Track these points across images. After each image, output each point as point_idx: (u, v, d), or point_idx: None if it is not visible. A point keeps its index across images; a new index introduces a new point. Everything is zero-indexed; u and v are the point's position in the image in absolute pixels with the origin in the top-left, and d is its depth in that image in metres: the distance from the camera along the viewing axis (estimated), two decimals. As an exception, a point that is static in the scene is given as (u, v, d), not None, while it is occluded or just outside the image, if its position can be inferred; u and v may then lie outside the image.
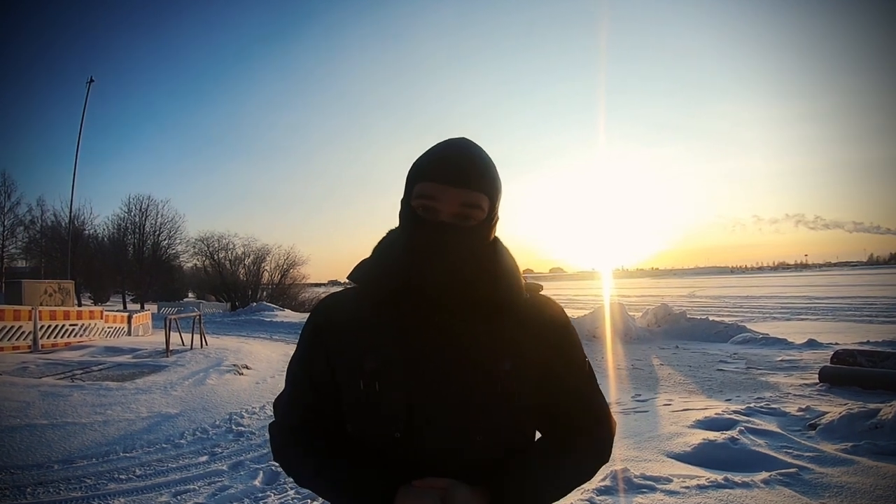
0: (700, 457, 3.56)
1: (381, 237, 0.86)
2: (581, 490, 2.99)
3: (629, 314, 11.43)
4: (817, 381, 6.05)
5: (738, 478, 3.13)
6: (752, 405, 4.88)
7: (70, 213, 23.32)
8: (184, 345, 9.03)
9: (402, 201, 0.79)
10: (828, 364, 6.48)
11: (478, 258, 0.78)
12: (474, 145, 0.79)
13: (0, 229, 28.49)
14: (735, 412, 4.55)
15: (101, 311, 10.71)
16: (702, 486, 3.05)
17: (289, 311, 21.53)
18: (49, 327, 8.89)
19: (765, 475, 3.16)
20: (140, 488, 3.43)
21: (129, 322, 11.78)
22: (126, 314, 12.32)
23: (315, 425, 0.83)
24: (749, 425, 4.07)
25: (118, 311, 14.53)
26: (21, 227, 29.10)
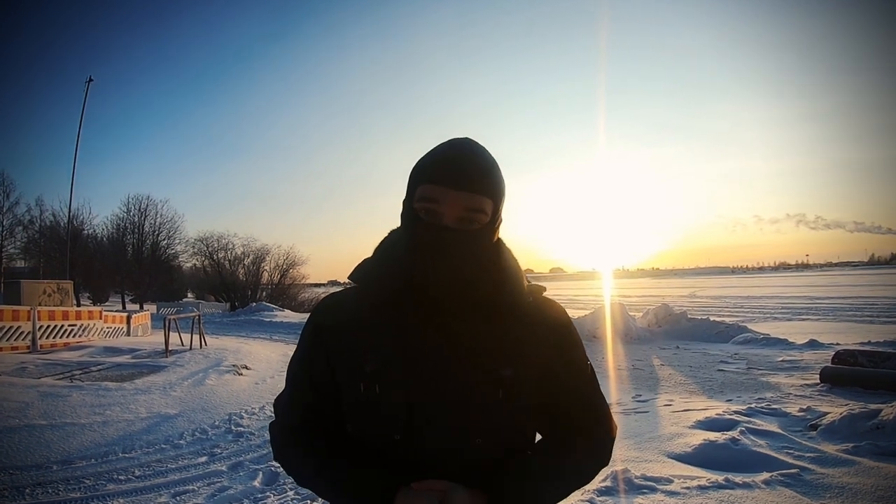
0: (701, 457, 3.56)
1: (383, 237, 0.85)
2: (581, 491, 2.98)
3: (630, 314, 11.42)
4: (818, 381, 6.05)
5: (738, 478, 3.13)
6: (753, 406, 4.87)
7: (69, 212, 23.37)
8: (183, 345, 9.02)
9: (405, 202, 0.78)
10: (829, 364, 6.47)
11: (480, 260, 0.77)
12: (478, 146, 0.78)
13: (-1, 229, 28.48)
14: (736, 413, 4.54)
15: (100, 312, 10.70)
16: (702, 487, 3.05)
17: (288, 312, 21.54)
18: (48, 327, 8.88)
19: (766, 476, 3.16)
20: (139, 489, 3.42)
21: (129, 322, 11.77)
22: (125, 314, 12.31)
23: (315, 425, 0.83)
24: (750, 426, 4.07)
25: (117, 311, 14.51)
26: (20, 227, 29.06)
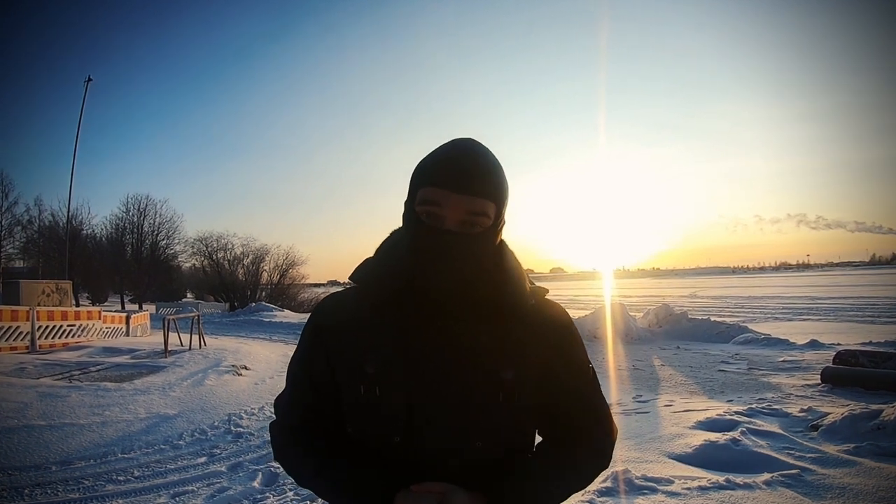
0: (701, 458, 3.55)
1: (385, 237, 0.85)
2: (582, 491, 2.96)
3: (630, 314, 11.42)
4: (819, 381, 6.04)
5: (739, 479, 3.12)
6: (753, 406, 4.86)
7: (68, 212, 23.22)
8: (182, 345, 9.01)
9: (406, 203, 0.77)
10: (830, 365, 6.45)
11: (482, 262, 0.77)
12: (481, 147, 0.76)
13: (-3, 229, 28.42)
14: (737, 413, 4.53)
15: (99, 312, 10.68)
16: (703, 488, 3.04)
17: (288, 312, 21.53)
18: (47, 328, 8.86)
19: (767, 476, 3.15)
20: (138, 489, 3.41)
21: (128, 322, 11.75)
22: (124, 314, 12.28)
23: (315, 425, 0.83)
24: (751, 426, 4.06)
25: (116, 311, 14.49)
26: (19, 227, 28.98)
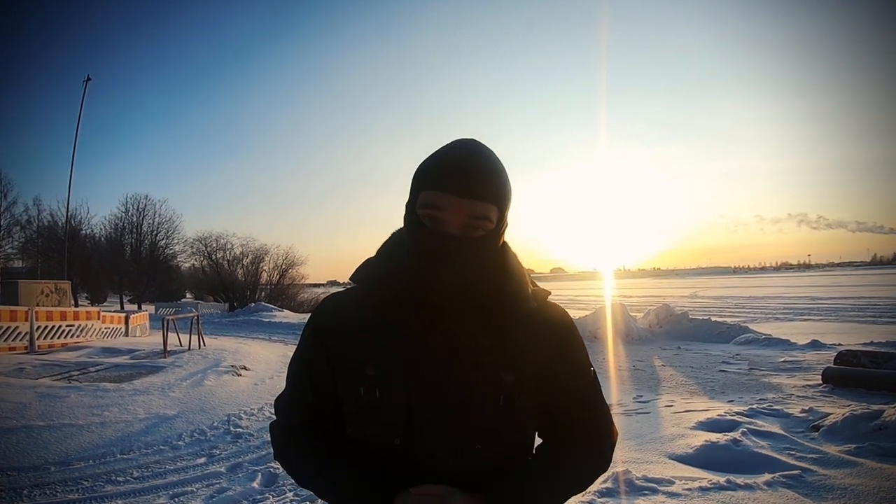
0: (702, 458, 3.54)
1: (386, 238, 0.85)
2: (583, 492, 2.96)
3: (631, 315, 11.39)
4: (820, 382, 6.04)
5: (740, 480, 3.12)
6: (754, 406, 4.85)
7: (67, 212, 23.11)
8: (181, 346, 9.00)
9: (407, 205, 0.77)
10: (831, 365, 6.44)
11: (484, 264, 0.76)
12: (483, 149, 0.75)
13: (-4, 230, 28.36)
14: (738, 413, 4.52)
15: (99, 312, 10.67)
16: (704, 488, 3.04)
17: (287, 312, 21.52)
18: (46, 328, 8.84)
19: (767, 477, 3.15)
20: (137, 490, 3.40)
21: (127, 323, 11.74)
22: (123, 315, 12.27)
23: (315, 425, 0.83)
24: (752, 427, 4.05)
25: (115, 311, 14.48)
26: (17, 227, 28.77)
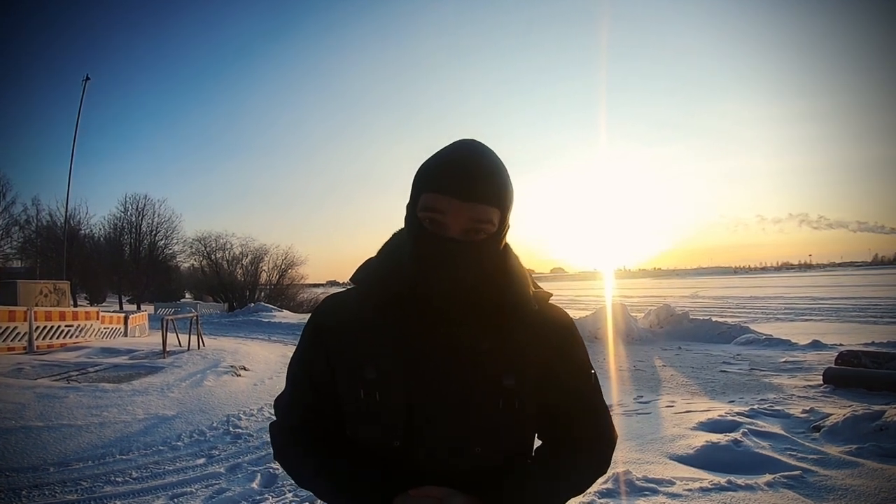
0: (703, 459, 3.54)
1: (387, 239, 0.84)
2: (582, 493, 2.95)
3: (631, 315, 11.39)
4: (821, 382, 6.03)
5: (741, 480, 3.11)
6: (755, 407, 4.84)
7: (66, 212, 23.08)
8: (181, 346, 9.00)
9: (408, 207, 0.76)
10: (832, 365, 6.44)
11: (485, 267, 0.75)
12: (485, 150, 0.74)
13: (-5, 229, 28.31)
14: (738, 414, 4.51)
15: (98, 312, 10.66)
16: (705, 489, 3.03)
17: (287, 312, 21.52)
18: (45, 328, 8.83)
19: (768, 477, 3.14)
20: (136, 491, 3.40)
21: (126, 323, 11.74)
22: (122, 315, 12.27)
23: (315, 425, 0.83)
24: (752, 427, 4.04)
25: (114, 311, 14.48)
26: (16, 227, 28.72)
